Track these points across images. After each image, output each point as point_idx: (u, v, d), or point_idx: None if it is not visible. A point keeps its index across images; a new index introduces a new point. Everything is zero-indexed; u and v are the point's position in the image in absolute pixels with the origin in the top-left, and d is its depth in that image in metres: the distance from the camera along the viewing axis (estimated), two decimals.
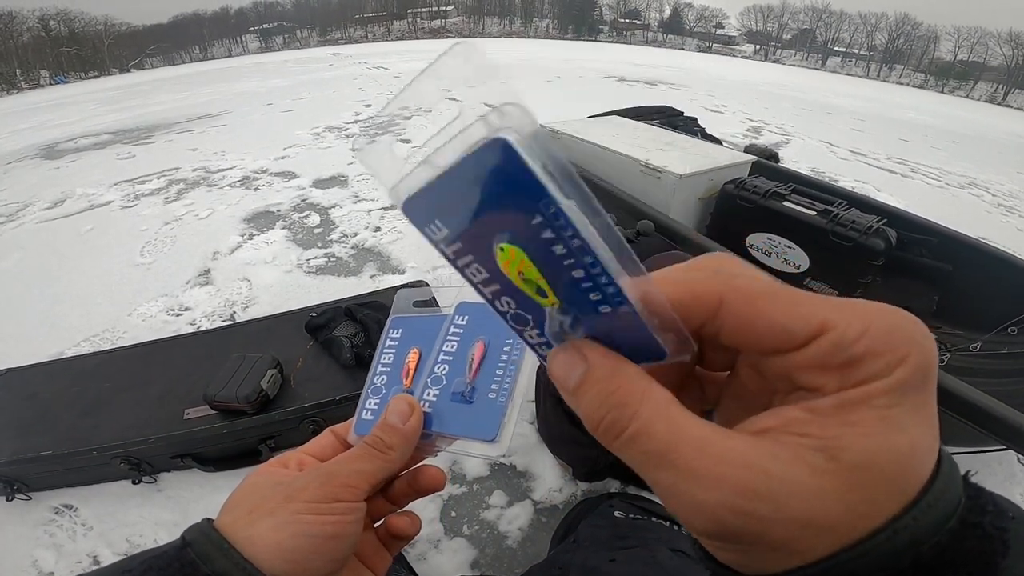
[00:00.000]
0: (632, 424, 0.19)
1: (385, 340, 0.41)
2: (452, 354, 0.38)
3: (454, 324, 0.39)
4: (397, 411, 0.34)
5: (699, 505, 0.18)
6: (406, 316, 0.41)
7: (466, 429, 0.35)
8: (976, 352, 1.49)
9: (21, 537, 1.21)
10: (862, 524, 0.17)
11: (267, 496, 0.30)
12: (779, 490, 0.17)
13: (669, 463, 0.18)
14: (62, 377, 1.44)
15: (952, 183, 4.52)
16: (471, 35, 52.41)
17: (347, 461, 0.32)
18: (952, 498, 0.18)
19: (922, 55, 48.49)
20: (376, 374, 0.40)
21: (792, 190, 1.81)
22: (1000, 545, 0.17)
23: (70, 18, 47.19)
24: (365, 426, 0.37)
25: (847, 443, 0.17)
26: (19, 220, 3.20)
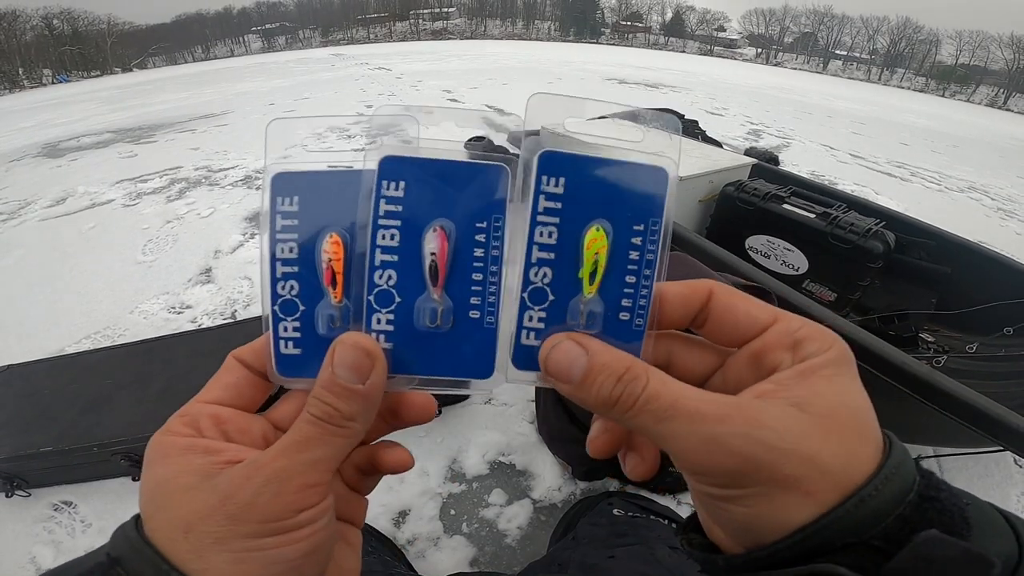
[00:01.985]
0: (644, 392, 0.22)
1: (275, 217, 0.25)
2: (395, 249, 0.25)
3: (384, 196, 0.24)
4: (350, 364, 0.23)
5: (714, 438, 0.21)
6: (296, 172, 0.25)
7: (447, 368, 0.26)
8: (973, 354, 1.50)
9: (20, 534, 1.21)
10: (851, 468, 0.20)
11: (199, 509, 0.22)
12: (777, 425, 0.20)
13: (681, 413, 0.21)
14: (63, 374, 1.44)
15: (952, 187, 4.53)
16: (473, 37, 52.45)
17: (297, 450, 0.23)
18: (907, 473, 0.20)
19: (923, 59, 48.56)
20: (278, 279, 0.26)
21: (792, 193, 1.82)
22: (960, 520, 0.19)
23: (73, 17, 47.31)
24: (290, 364, 0.26)
25: (810, 399, 0.21)
26: (21, 218, 3.20)
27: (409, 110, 0.27)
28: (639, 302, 0.25)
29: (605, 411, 0.23)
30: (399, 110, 0.26)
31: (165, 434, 0.25)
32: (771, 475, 0.20)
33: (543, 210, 0.24)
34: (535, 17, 59.54)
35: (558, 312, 0.25)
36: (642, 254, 0.24)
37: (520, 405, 1.51)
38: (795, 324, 0.24)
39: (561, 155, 0.24)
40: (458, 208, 0.25)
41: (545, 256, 0.24)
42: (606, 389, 0.23)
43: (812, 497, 0.20)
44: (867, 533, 0.19)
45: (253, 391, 0.28)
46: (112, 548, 0.22)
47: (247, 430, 0.26)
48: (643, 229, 0.24)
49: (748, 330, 0.24)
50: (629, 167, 0.24)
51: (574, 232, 0.24)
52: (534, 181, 0.24)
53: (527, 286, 0.24)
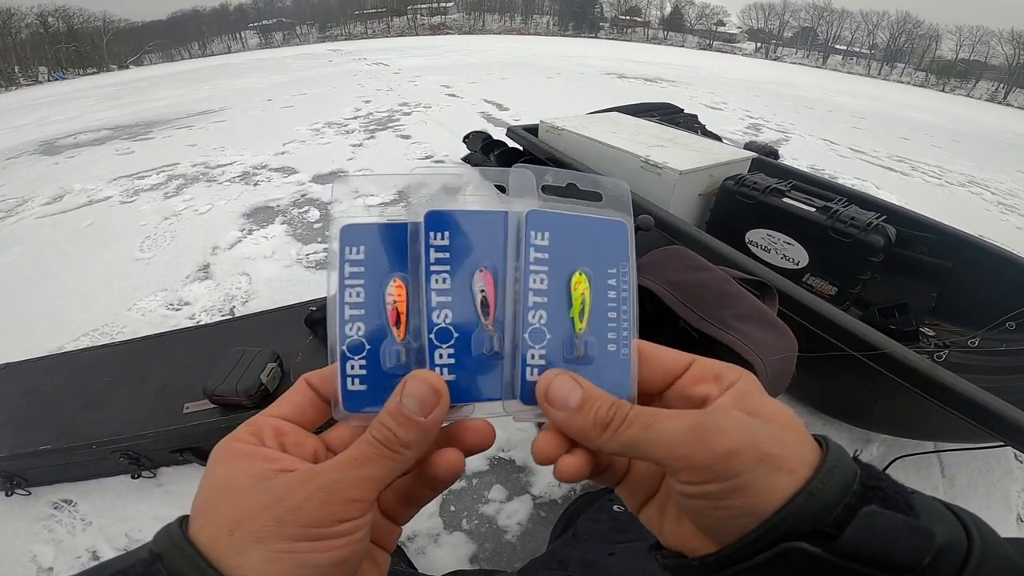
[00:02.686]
0: (629, 414, 0.26)
1: (343, 267, 0.28)
2: (447, 290, 0.28)
3: (432, 245, 0.28)
4: (418, 397, 0.26)
5: (701, 425, 0.24)
6: (362, 224, 0.28)
7: (492, 391, 0.29)
8: (974, 348, 1.49)
9: (20, 532, 1.21)
10: (807, 456, 0.23)
11: (250, 508, 0.23)
12: (745, 418, 0.24)
13: (665, 416, 0.25)
14: (61, 372, 1.44)
15: (952, 181, 4.52)
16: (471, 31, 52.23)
17: (352, 466, 0.25)
18: (847, 466, 0.23)
19: (923, 54, 48.40)
20: (346, 321, 0.28)
21: (792, 187, 1.81)
22: (905, 506, 0.22)
23: (68, 15, 47.03)
24: (356, 400, 0.28)
25: (755, 410, 0.25)
26: (18, 215, 3.19)
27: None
28: (622, 334, 0.29)
29: (595, 433, 0.26)
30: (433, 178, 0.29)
31: (231, 440, 0.27)
32: (758, 453, 0.23)
33: (534, 260, 0.28)
34: (533, 11, 59.22)
35: (556, 349, 0.28)
36: (618, 292, 0.29)
37: None
38: (709, 362, 0.29)
39: (546, 213, 0.28)
40: (496, 247, 0.29)
41: (540, 300, 0.28)
42: (602, 412, 0.26)
43: (795, 474, 0.23)
44: (821, 523, 0.22)
45: (315, 412, 0.30)
46: (155, 545, 0.23)
47: (302, 445, 0.28)
48: (616, 272, 0.29)
49: (673, 370, 0.29)
50: (598, 223, 0.30)
51: (559, 277, 0.28)
52: (525, 236, 0.28)
53: (527, 327, 0.28)
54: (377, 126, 4.95)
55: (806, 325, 1.14)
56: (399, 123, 5.05)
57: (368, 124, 5.06)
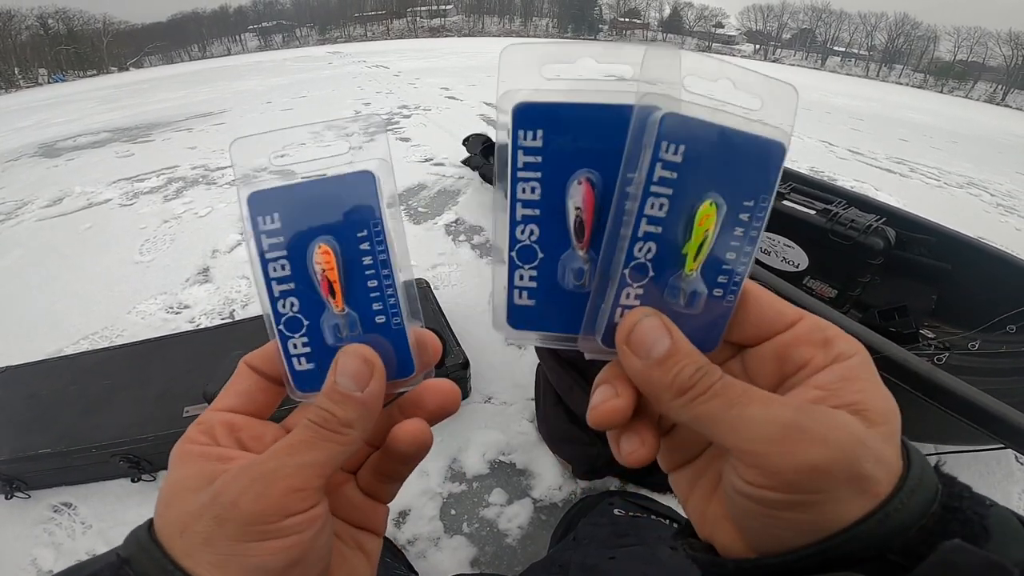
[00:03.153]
0: (716, 384, 0.22)
1: (259, 239, 0.25)
2: (535, 202, 0.24)
3: (520, 146, 0.24)
4: (350, 372, 0.24)
5: (797, 425, 0.20)
6: (274, 188, 0.26)
7: (571, 323, 0.26)
8: (975, 351, 1.49)
9: (20, 536, 1.21)
10: (896, 471, 0.20)
11: (195, 509, 0.22)
12: (852, 421, 0.20)
13: (757, 398, 0.21)
14: (61, 375, 1.44)
15: (951, 183, 4.52)
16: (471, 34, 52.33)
17: (288, 452, 0.23)
18: (930, 483, 0.20)
19: (921, 55, 48.54)
20: (276, 298, 0.25)
21: (791, 189, 1.81)
22: (981, 530, 0.19)
23: (68, 17, 47.13)
24: (307, 379, 0.26)
25: (865, 403, 0.21)
26: (18, 218, 3.19)
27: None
28: (734, 278, 0.24)
29: (669, 395, 0.22)
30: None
31: (184, 442, 0.25)
32: (852, 473, 0.19)
33: (658, 179, 0.22)
34: (533, 14, 59.39)
35: (656, 289, 0.23)
36: (747, 231, 0.23)
37: (520, 404, 1.50)
38: (822, 323, 0.24)
39: (687, 119, 0.21)
40: (610, 159, 0.23)
41: (652, 230, 0.22)
42: (686, 373, 0.22)
43: (876, 499, 0.20)
44: (887, 546, 0.19)
45: (265, 396, 0.28)
46: (123, 548, 0.23)
47: (260, 437, 0.26)
48: (752, 205, 0.23)
49: (774, 324, 0.24)
50: (748, 139, 0.22)
51: (685, 205, 0.22)
52: (653, 145, 0.21)
53: (630, 260, 0.23)
54: (377, 129, 4.95)
55: None
56: (399, 126, 5.05)
57: (368, 127, 5.06)
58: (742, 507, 0.22)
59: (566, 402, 1.22)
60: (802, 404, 0.21)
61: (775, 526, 0.21)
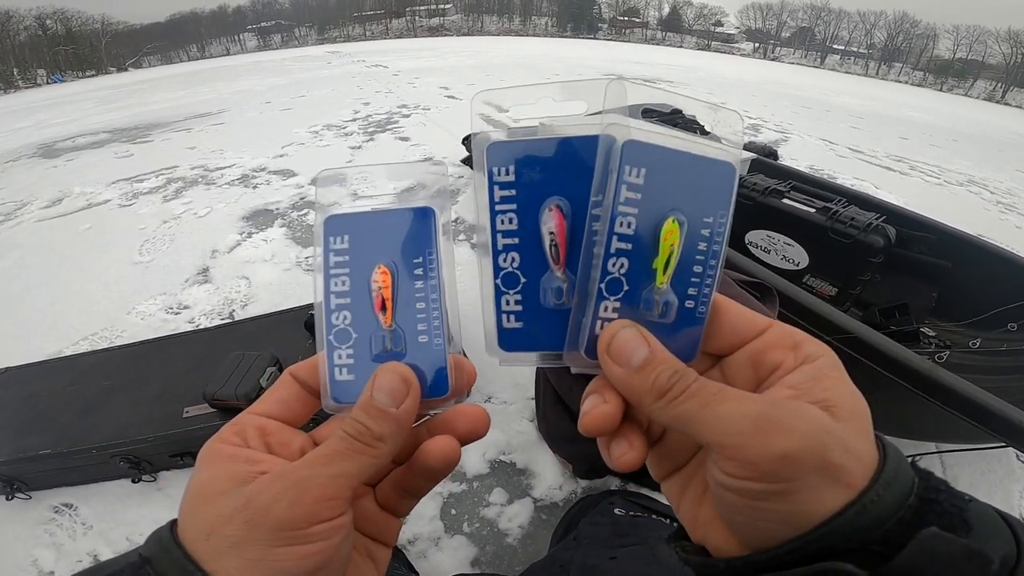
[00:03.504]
0: (692, 386, 0.23)
1: (328, 256, 0.28)
2: (514, 231, 0.27)
3: (496, 181, 0.27)
4: (387, 388, 0.25)
5: (768, 417, 0.21)
6: (348, 214, 0.28)
7: (555, 341, 0.27)
8: (975, 349, 1.49)
9: (21, 536, 1.21)
10: (869, 463, 0.21)
11: (223, 512, 0.23)
12: (820, 414, 0.21)
13: (731, 395, 0.23)
14: (61, 376, 1.44)
15: (951, 180, 4.52)
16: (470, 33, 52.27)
17: (322, 462, 0.24)
18: (906, 476, 0.21)
19: (921, 53, 48.50)
20: (332, 311, 0.28)
21: (791, 187, 1.81)
22: (960, 522, 0.20)
23: (67, 17, 47.07)
24: (344, 389, 0.28)
25: (833, 400, 0.22)
26: (17, 219, 3.19)
27: None
28: (703, 290, 0.26)
29: (650, 399, 0.24)
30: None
31: (215, 441, 0.26)
32: (821, 461, 0.20)
33: (624, 200, 0.24)
34: (532, 13, 59.30)
35: (632, 302, 0.25)
36: (709, 245, 0.25)
37: (520, 403, 1.50)
38: (790, 329, 0.26)
39: (646, 146, 0.24)
40: (576, 185, 0.26)
41: (623, 247, 0.25)
42: (663, 377, 0.23)
43: (851, 490, 0.20)
44: (868, 537, 0.20)
45: (302, 407, 0.29)
46: (145, 549, 0.23)
47: (288, 444, 0.27)
48: (712, 221, 0.25)
49: (746, 332, 0.26)
50: (702, 161, 0.25)
51: (650, 222, 0.25)
52: (617, 169, 0.24)
53: (605, 276, 0.25)
54: (376, 128, 4.95)
55: (807, 326, 1.13)
56: (398, 125, 5.05)
57: (367, 126, 5.06)
58: (727, 501, 0.23)
59: (566, 401, 1.21)
60: (771, 399, 0.23)
61: (759, 518, 0.22)
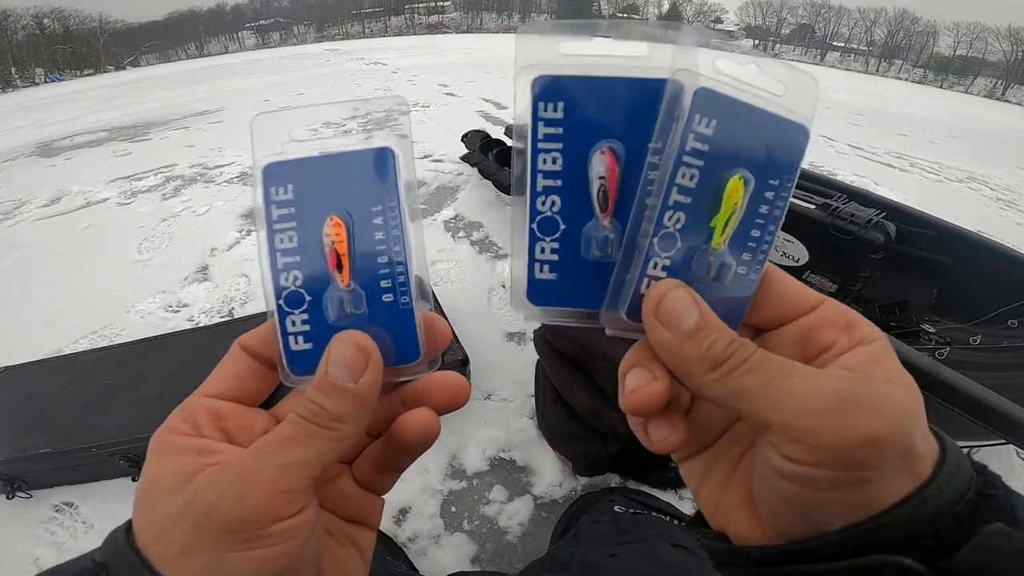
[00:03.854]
0: (753, 357, 0.21)
1: (269, 208, 0.24)
2: (557, 172, 0.24)
3: (541, 117, 0.24)
4: (342, 361, 0.22)
5: (851, 395, 0.19)
6: (291, 160, 0.25)
7: (593, 299, 0.25)
8: (976, 345, 1.49)
9: (22, 536, 1.21)
10: (933, 455, 0.20)
11: (172, 514, 0.20)
12: (893, 391, 0.19)
13: (801, 370, 0.20)
14: (60, 375, 1.44)
15: (951, 177, 4.52)
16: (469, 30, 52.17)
17: (273, 450, 0.21)
18: (965, 471, 0.20)
19: (921, 50, 48.43)
20: (280, 271, 0.24)
21: None
22: (1012, 520, 0.19)
23: (64, 16, 46.97)
24: (302, 361, 0.24)
25: (898, 392, 0.20)
26: (16, 218, 3.18)
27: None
28: (758, 256, 0.24)
29: (702, 368, 0.21)
30: None
31: (163, 431, 0.24)
32: (905, 448, 0.18)
33: (691, 151, 0.22)
34: (531, 9, 59.21)
35: (684, 261, 0.23)
36: (771, 209, 0.24)
37: (520, 400, 1.50)
38: (844, 307, 0.24)
39: (719, 95, 0.22)
40: (634, 129, 0.23)
41: (683, 200, 0.22)
42: (719, 345, 0.21)
43: (917, 480, 0.19)
44: (921, 532, 0.18)
45: (258, 382, 0.26)
46: (100, 553, 0.21)
47: (249, 427, 0.24)
48: (777, 184, 0.24)
49: (796, 306, 0.24)
50: (775, 120, 0.23)
51: (715, 178, 0.23)
52: (686, 117, 0.22)
53: (659, 230, 0.23)
54: (375, 126, 4.94)
55: None
56: (397, 123, 5.03)
57: (366, 124, 5.04)
58: (780, 489, 0.20)
59: (566, 399, 1.21)
60: (849, 375, 0.20)
61: (815, 509, 0.20)
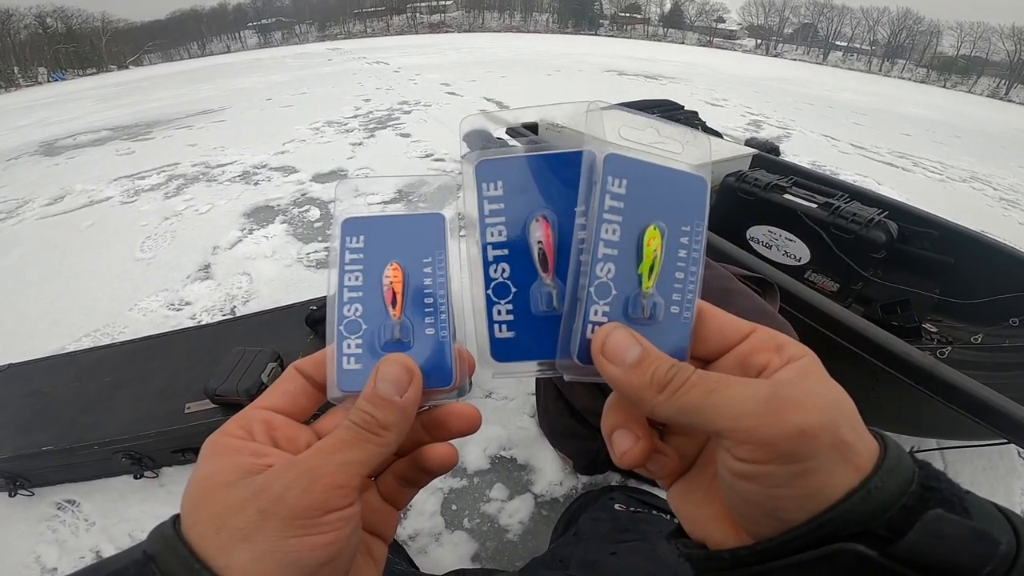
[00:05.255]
0: (692, 376, 0.24)
1: (343, 254, 0.30)
2: (503, 243, 0.28)
3: (485, 196, 0.29)
4: (390, 378, 0.26)
5: (777, 395, 0.21)
6: (364, 217, 0.31)
7: (548, 349, 0.28)
8: (977, 345, 1.49)
9: (24, 533, 1.21)
10: (873, 450, 0.22)
11: (234, 504, 0.22)
12: (815, 387, 0.22)
13: (734, 381, 0.23)
14: (63, 373, 1.44)
15: (954, 177, 4.51)
16: (471, 29, 52.12)
17: (332, 451, 0.24)
18: (907, 464, 0.22)
19: (924, 50, 48.22)
20: (344, 303, 0.29)
21: (793, 183, 1.80)
22: (962, 510, 0.20)
23: (67, 15, 47.03)
24: (352, 378, 0.28)
25: (822, 390, 0.22)
26: (19, 216, 3.19)
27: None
28: (687, 296, 0.27)
29: (651, 393, 0.24)
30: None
31: (220, 434, 0.26)
32: (835, 437, 0.20)
33: (609, 208, 0.26)
34: (533, 9, 59.08)
35: (620, 305, 0.26)
36: (689, 252, 0.27)
37: (520, 399, 1.50)
38: (772, 332, 0.27)
39: (625, 159, 0.26)
40: (560, 198, 0.28)
41: (610, 252, 0.26)
42: (661, 370, 0.24)
43: (860, 472, 0.21)
44: (873, 523, 0.20)
45: (306, 401, 0.30)
46: (148, 545, 0.23)
47: (294, 438, 0.28)
48: (689, 229, 0.27)
49: (732, 337, 0.27)
50: (677, 174, 0.27)
51: (633, 229, 0.26)
52: (601, 180, 0.25)
53: (594, 281, 0.26)
54: (377, 125, 4.95)
55: (808, 322, 1.13)
56: (399, 121, 5.04)
57: (368, 123, 5.05)
58: (741, 491, 0.23)
59: (566, 397, 1.21)
60: (777, 380, 0.23)
61: (774, 506, 0.22)
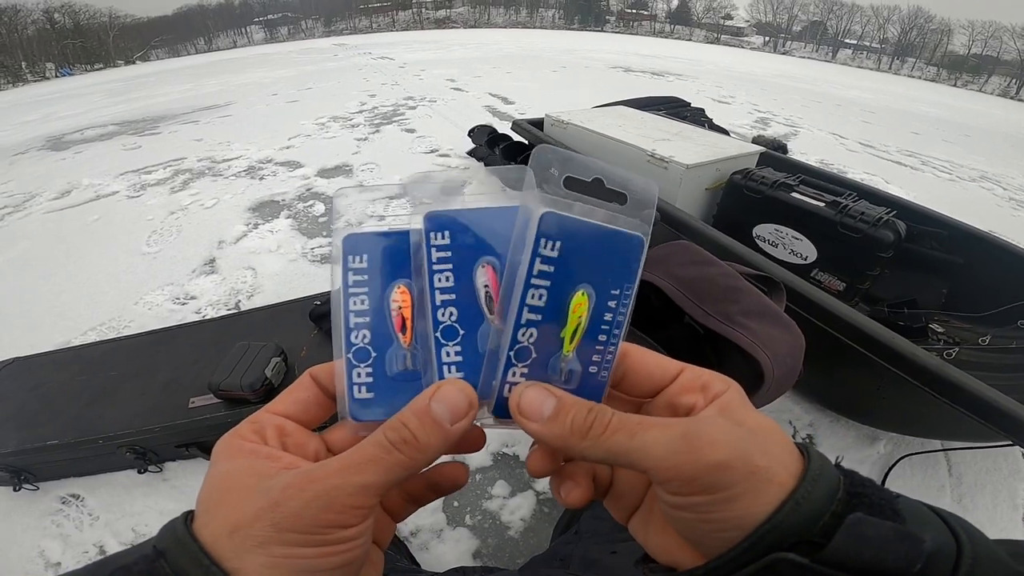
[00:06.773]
0: (612, 421, 0.25)
1: (347, 276, 0.28)
2: (450, 288, 0.27)
3: (433, 244, 0.27)
4: (451, 403, 0.25)
5: (693, 434, 0.23)
6: (363, 234, 0.29)
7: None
8: (984, 346, 1.47)
9: (28, 527, 1.22)
10: (793, 467, 0.23)
11: (249, 511, 0.23)
12: (734, 428, 0.24)
13: (652, 423, 0.24)
14: (68, 366, 1.45)
15: (963, 176, 4.46)
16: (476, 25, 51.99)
17: (352, 472, 0.24)
18: (831, 474, 0.23)
19: (935, 48, 47.73)
20: (351, 329, 0.28)
21: (800, 181, 1.79)
22: (892, 514, 0.21)
23: (74, 11, 47.25)
24: (364, 408, 0.28)
25: (741, 420, 0.24)
26: (26, 210, 3.21)
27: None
28: (607, 357, 0.28)
29: (575, 440, 0.25)
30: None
31: (234, 436, 0.27)
32: (747, 466, 0.22)
33: (538, 273, 0.25)
34: (539, 5, 58.82)
35: (539, 368, 0.27)
36: (615, 316, 0.27)
37: None
38: (698, 371, 0.28)
39: (562, 218, 0.25)
40: (503, 247, 0.27)
41: (533, 318, 0.26)
42: (579, 417, 0.25)
43: (783, 486, 0.22)
44: (808, 532, 0.21)
45: (318, 410, 0.30)
46: (159, 541, 0.23)
47: (303, 445, 0.28)
48: (618, 294, 0.27)
49: (661, 379, 0.28)
50: (614, 235, 0.26)
51: (561, 295, 0.26)
52: (533, 241, 0.25)
53: (514, 345, 0.26)
54: (382, 120, 4.94)
55: (814, 321, 1.12)
56: (404, 117, 5.03)
57: (373, 118, 5.05)
58: (681, 520, 0.24)
59: None
60: (691, 418, 0.25)
61: (713, 529, 0.23)
